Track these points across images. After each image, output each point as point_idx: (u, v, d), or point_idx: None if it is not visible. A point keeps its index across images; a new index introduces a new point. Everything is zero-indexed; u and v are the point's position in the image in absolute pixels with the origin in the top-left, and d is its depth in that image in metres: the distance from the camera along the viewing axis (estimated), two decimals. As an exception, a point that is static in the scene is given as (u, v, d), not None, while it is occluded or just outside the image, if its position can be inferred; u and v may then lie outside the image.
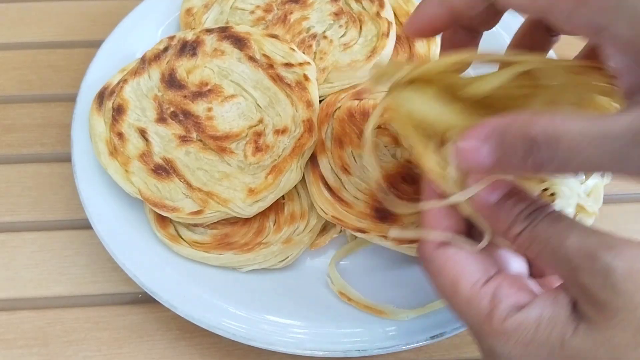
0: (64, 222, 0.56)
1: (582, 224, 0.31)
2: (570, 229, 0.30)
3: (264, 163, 0.49)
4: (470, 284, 0.33)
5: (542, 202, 0.32)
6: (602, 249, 0.28)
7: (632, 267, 0.27)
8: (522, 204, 0.32)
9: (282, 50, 0.54)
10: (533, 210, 0.32)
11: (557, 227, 0.30)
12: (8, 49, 0.68)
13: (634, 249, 0.28)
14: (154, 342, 0.49)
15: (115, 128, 0.51)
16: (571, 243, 0.29)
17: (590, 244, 0.29)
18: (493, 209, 0.33)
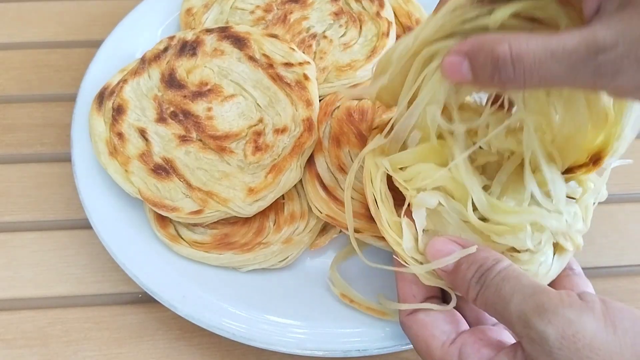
0: (64, 222, 0.56)
1: (525, 282, 0.32)
2: (511, 294, 0.32)
3: (263, 162, 0.49)
4: (439, 345, 0.36)
5: (490, 262, 0.35)
6: (536, 316, 0.30)
7: (563, 334, 0.29)
8: (473, 268, 0.35)
9: (282, 50, 0.54)
10: (482, 274, 0.35)
11: (501, 293, 0.33)
12: (8, 49, 0.68)
13: (566, 311, 0.29)
14: (154, 342, 0.49)
15: (115, 128, 0.51)
16: (512, 310, 0.32)
17: (527, 310, 0.31)
18: (451, 275, 0.37)
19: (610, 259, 0.55)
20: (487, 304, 0.34)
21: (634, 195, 0.59)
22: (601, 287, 0.53)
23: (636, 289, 0.53)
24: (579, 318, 0.29)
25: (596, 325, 0.28)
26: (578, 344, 0.28)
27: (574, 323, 0.29)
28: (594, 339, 0.28)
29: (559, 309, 0.29)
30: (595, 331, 0.28)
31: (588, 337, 0.28)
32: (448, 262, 0.36)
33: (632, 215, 0.57)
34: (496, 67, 0.30)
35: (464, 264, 0.36)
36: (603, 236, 0.56)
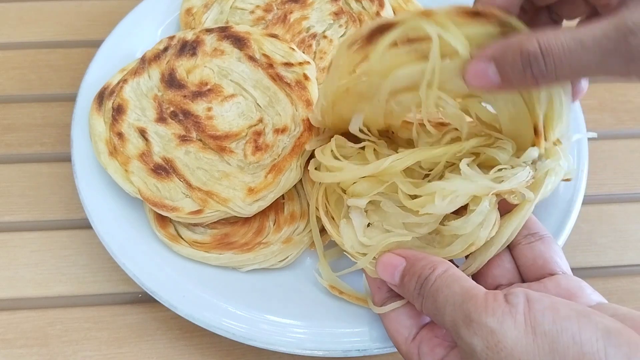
0: (64, 221, 0.56)
1: (456, 290, 0.33)
2: (444, 304, 0.33)
3: (263, 162, 0.49)
4: (403, 340, 0.39)
5: (427, 271, 0.36)
6: (464, 328, 0.31)
7: (487, 344, 0.29)
8: (414, 280, 0.37)
9: (281, 50, 0.54)
10: (421, 285, 0.36)
11: (437, 304, 0.34)
12: (8, 49, 0.68)
13: (489, 320, 0.30)
14: (154, 341, 0.49)
15: (115, 128, 0.51)
16: (446, 320, 0.33)
17: (457, 321, 0.32)
18: (399, 289, 0.39)
19: (610, 259, 0.55)
20: (429, 314, 0.36)
21: (634, 195, 0.59)
22: (601, 287, 0.53)
23: (636, 289, 0.53)
24: (501, 326, 0.29)
25: (517, 333, 0.29)
26: (501, 354, 0.29)
27: (496, 333, 0.29)
28: (515, 347, 0.29)
29: (483, 318, 0.30)
30: (516, 339, 0.29)
31: (509, 346, 0.29)
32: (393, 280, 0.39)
33: (632, 215, 0.57)
34: (527, 64, 0.31)
35: (406, 276, 0.38)
36: (603, 236, 0.56)
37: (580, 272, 0.54)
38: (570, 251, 0.54)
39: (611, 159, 0.61)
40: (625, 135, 0.63)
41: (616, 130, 0.63)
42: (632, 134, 0.63)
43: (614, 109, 0.65)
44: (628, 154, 0.61)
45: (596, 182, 0.58)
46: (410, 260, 0.38)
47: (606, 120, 0.64)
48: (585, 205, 0.51)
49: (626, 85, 0.66)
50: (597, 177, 0.59)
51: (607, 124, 0.63)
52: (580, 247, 0.55)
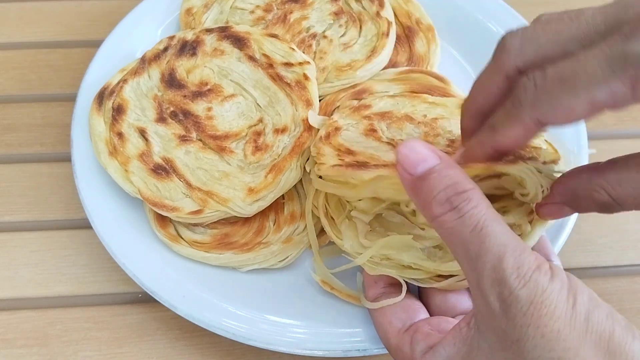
0: (64, 221, 0.56)
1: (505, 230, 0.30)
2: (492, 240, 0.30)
3: (263, 162, 0.49)
4: (395, 331, 0.39)
5: (466, 186, 0.31)
6: (514, 275, 0.29)
7: (534, 299, 0.29)
8: (445, 182, 0.31)
9: (281, 50, 0.54)
10: (455, 194, 0.31)
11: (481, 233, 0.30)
12: (8, 49, 0.68)
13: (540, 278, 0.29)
14: (154, 341, 0.49)
15: (115, 128, 0.51)
16: (488, 260, 0.30)
17: (506, 266, 0.29)
18: (417, 182, 0.32)
19: (610, 259, 0.55)
20: (454, 234, 0.31)
21: (634, 195, 0.59)
22: (601, 287, 0.53)
23: (636, 289, 0.53)
24: (550, 286, 0.29)
25: (561, 296, 0.29)
26: (542, 311, 0.28)
27: (545, 291, 0.29)
28: (556, 309, 0.28)
29: (535, 274, 0.29)
30: (558, 302, 0.29)
31: (552, 306, 0.28)
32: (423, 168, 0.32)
33: (632, 215, 0.57)
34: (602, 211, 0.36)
35: (436, 173, 0.31)
36: (603, 236, 0.56)
37: (581, 272, 0.54)
38: (570, 251, 0.54)
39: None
40: (625, 135, 0.63)
41: (616, 130, 0.63)
42: (632, 134, 0.63)
43: (614, 109, 0.64)
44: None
45: (596, 182, 0.58)
46: (445, 162, 0.32)
47: (606, 120, 0.64)
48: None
49: (626, 85, 0.66)
50: (597, 177, 0.59)
51: (607, 124, 0.63)
52: (580, 247, 0.55)
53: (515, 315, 0.29)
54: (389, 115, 0.50)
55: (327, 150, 0.46)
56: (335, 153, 0.46)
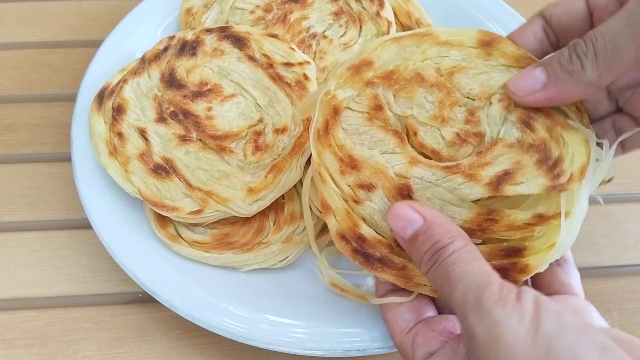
0: (64, 221, 0.56)
1: (474, 270, 0.33)
2: (458, 281, 0.33)
3: (263, 162, 0.49)
4: (399, 331, 0.40)
5: (446, 240, 0.35)
6: (472, 312, 0.31)
7: (489, 335, 0.30)
8: (429, 243, 0.36)
9: (281, 50, 0.54)
10: (436, 251, 0.35)
11: (450, 277, 0.33)
12: (8, 49, 0.68)
13: (498, 312, 0.30)
14: (154, 341, 0.49)
15: (115, 128, 0.51)
16: (456, 297, 0.32)
17: (467, 302, 0.31)
18: (407, 244, 0.38)
19: (610, 259, 0.55)
20: (437, 283, 0.35)
21: (634, 195, 0.59)
22: (601, 287, 0.53)
23: (636, 289, 0.53)
24: (508, 320, 0.29)
25: (520, 329, 0.29)
26: (500, 346, 0.29)
27: (500, 325, 0.29)
28: (514, 343, 0.29)
29: (493, 308, 0.30)
30: (518, 335, 0.29)
31: (510, 341, 0.29)
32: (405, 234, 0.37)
33: (632, 215, 0.57)
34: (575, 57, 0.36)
35: (421, 236, 0.36)
36: (603, 236, 0.56)
37: (581, 272, 0.54)
38: (570, 251, 0.54)
39: (611, 159, 0.61)
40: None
41: (616, 130, 0.63)
42: (632, 134, 0.63)
43: (614, 109, 0.65)
44: (628, 154, 0.61)
45: (596, 182, 0.58)
46: (428, 221, 0.37)
47: (606, 120, 0.64)
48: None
49: (626, 85, 0.66)
50: (597, 177, 0.59)
51: (607, 124, 0.63)
52: (580, 247, 0.55)
53: (477, 349, 0.30)
54: (396, 78, 0.42)
55: (328, 158, 0.41)
56: (337, 164, 0.41)
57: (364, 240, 0.39)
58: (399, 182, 0.40)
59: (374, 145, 0.41)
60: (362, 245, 0.39)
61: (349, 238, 0.39)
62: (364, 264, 0.39)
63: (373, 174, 0.40)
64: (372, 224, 0.40)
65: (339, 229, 0.40)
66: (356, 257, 0.39)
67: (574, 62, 0.36)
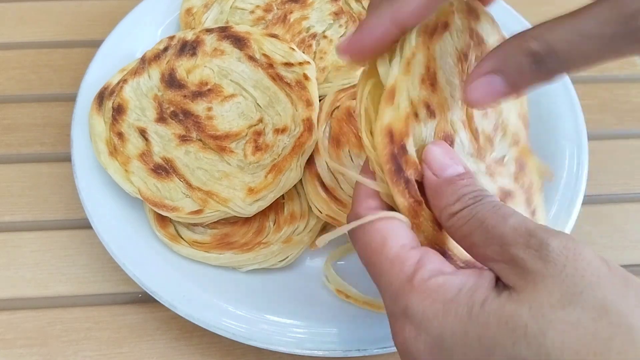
0: (64, 221, 0.56)
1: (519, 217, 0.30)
2: (511, 213, 0.30)
3: (263, 162, 0.49)
4: (399, 245, 0.31)
5: (488, 194, 0.32)
6: (540, 230, 0.28)
7: (566, 244, 0.27)
8: (472, 188, 0.32)
9: (281, 50, 0.54)
10: (480, 194, 0.32)
11: (498, 211, 0.30)
12: (8, 49, 0.68)
13: (569, 236, 0.28)
14: (154, 341, 0.49)
15: (115, 128, 0.51)
16: (510, 223, 0.29)
17: (529, 225, 0.29)
18: (442, 184, 0.33)
19: (610, 259, 0.54)
20: (473, 218, 0.30)
21: (634, 195, 0.59)
22: (601, 287, 0.53)
23: (636, 288, 0.53)
24: (583, 245, 0.28)
25: (594, 257, 0.27)
26: (578, 257, 0.27)
27: (577, 244, 0.27)
28: (592, 263, 0.27)
29: (560, 233, 0.28)
30: (594, 259, 0.27)
31: (587, 259, 0.27)
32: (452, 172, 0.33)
33: (632, 215, 0.57)
34: (536, 62, 0.31)
35: (465, 179, 0.32)
36: (603, 236, 0.56)
37: (580, 272, 0.54)
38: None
39: (611, 159, 0.61)
40: (625, 135, 0.63)
41: (616, 130, 0.63)
42: (632, 134, 0.63)
43: (614, 109, 0.65)
44: (628, 154, 0.61)
45: (596, 182, 0.58)
46: (471, 173, 0.34)
47: (606, 120, 0.64)
48: (585, 205, 0.51)
49: (627, 85, 0.66)
50: (597, 177, 0.59)
51: (607, 124, 0.63)
52: (580, 247, 0.55)
53: (548, 256, 0.27)
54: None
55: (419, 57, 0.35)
56: (423, 69, 0.36)
57: (405, 152, 0.34)
58: (448, 130, 0.37)
59: (450, 84, 0.37)
60: (401, 156, 0.34)
61: (395, 139, 0.34)
62: (391, 174, 0.33)
63: (438, 105, 0.36)
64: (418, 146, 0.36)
65: (391, 124, 0.34)
66: (390, 161, 0.33)
67: (538, 78, 0.31)
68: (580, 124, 0.55)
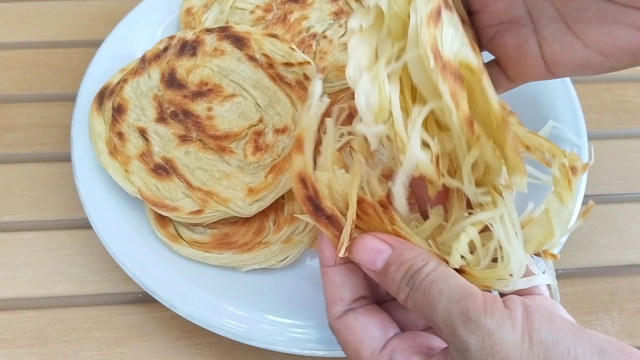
0: (64, 221, 0.56)
1: (452, 285, 0.32)
2: (439, 298, 0.32)
3: (263, 162, 0.49)
4: (369, 352, 0.35)
5: (419, 262, 0.34)
6: (460, 324, 0.30)
7: (483, 345, 0.29)
8: (403, 270, 0.34)
9: (282, 50, 0.54)
10: (411, 275, 0.34)
11: (429, 297, 0.32)
12: (8, 49, 0.68)
13: (487, 321, 0.29)
14: (154, 341, 0.49)
15: (115, 128, 0.51)
16: (440, 315, 0.31)
17: (453, 316, 0.31)
18: (380, 276, 0.36)
19: (610, 259, 0.55)
20: (417, 306, 0.34)
21: (634, 195, 0.59)
22: (601, 287, 0.53)
23: (636, 289, 0.53)
24: (499, 329, 0.29)
25: (513, 337, 0.29)
26: (495, 356, 0.28)
27: (493, 334, 0.29)
28: (510, 352, 0.28)
29: (482, 318, 0.29)
30: (512, 343, 0.28)
31: (505, 350, 0.28)
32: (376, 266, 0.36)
33: (632, 215, 0.57)
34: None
35: (392, 264, 0.35)
36: (603, 236, 0.56)
37: (580, 272, 0.54)
38: (570, 251, 0.54)
39: (611, 159, 0.61)
40: (625, 135, 0.63)
41: (616, 130, 0.63)
42: (632, 134, 0.63)
43: (614, 109, 0.65)
44: (628, 154, 0.61)
45: (596, 182, 0.58)
46: (397, 248, 0.35)
47: (606, 120, 0.64)
48: (585, 205, 0.51)
49: (626, 85, 0.66)
50: (597, 177, 0.59)
51: (607, 124, 0.63)
52: (580, 247, 0.55)
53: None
54: None
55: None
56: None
57: (318, 193, 0.37)
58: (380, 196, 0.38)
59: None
60: (317, 196, 0.37)
61: (308, 184, 0.37)
62: (312, 214, 0.37)
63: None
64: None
65: (302, 172, 0.37)
66: (307, 203, 0.36)
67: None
68: (580, 124, 0.55)
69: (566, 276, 0.53)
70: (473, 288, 0.32)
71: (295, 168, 0.37)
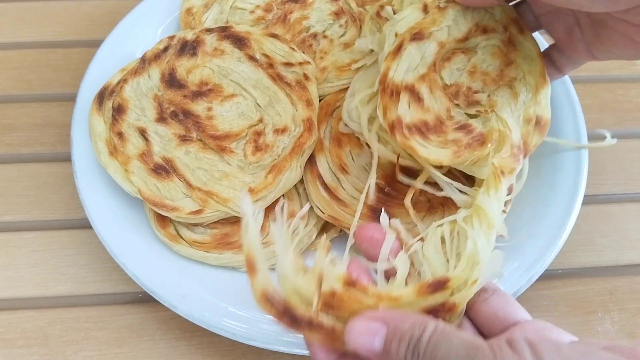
0: (64, 221, 0.56)
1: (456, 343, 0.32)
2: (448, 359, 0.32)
3: (263, 162, 0.49)
4: None
5: (418, 331, 0.33)
6: None
7: None
8: (404, 344, 0.34)
9: (282, 50, 0.54)
10: (414, 346, 0.33)
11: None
12: (8, 49, 0.68)
13: None
14: (154, 341, 0.49)
15: (115, 128, 0.51)
16: None
17: None
18: (383, 356, 0.34)
19: (610, 258, 0.55)
20: None
21: (634, 195, 0.59)
22: (601, 287, 0.53)
23: (636, 289, 0.53)
24: None
25: None
26: None
27: None
28: None
29: None
30: None
31: None
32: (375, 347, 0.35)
33: (632, 215, 0.57)
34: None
35: (392, 341, 0.34)
36: (603, 236, 0.56)
37: (580, 272, 0.54)
38: (570, 251, 0.54)
39: (611, 159, 0.61)
40: (625, 135, 0.63)
41: (616, 130, 0.63)
42: (632, 134, 0.63)
43: (614, 109, 0.65)
44: (628, 154, 0.61)
45: (596, 182, 0.58)
46: (392, 323, 0.34)
47: (606, 120, 0.64)
48: (585, 205, 0.51)
49: (626, 85, 0.66)
50: (597, 177, 0.59)
51: (607, 124, 0.63)
52: (580, 247, 0.55)
53: None
54: None
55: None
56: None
57: (289, 306, 0.35)
58: None
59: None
60: (290, 308, 0.35)
61: (274, 302, 0.34)
62: (291, 326, 0.35)
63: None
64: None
65: (264, 291, 0.34)
66: (281, 320, 0.35)
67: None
68: (580, 124, 0.55)
69: (566, 276, 0.53)
70: (478, 340, 0.32)
71: (256, 292, 0.35)
